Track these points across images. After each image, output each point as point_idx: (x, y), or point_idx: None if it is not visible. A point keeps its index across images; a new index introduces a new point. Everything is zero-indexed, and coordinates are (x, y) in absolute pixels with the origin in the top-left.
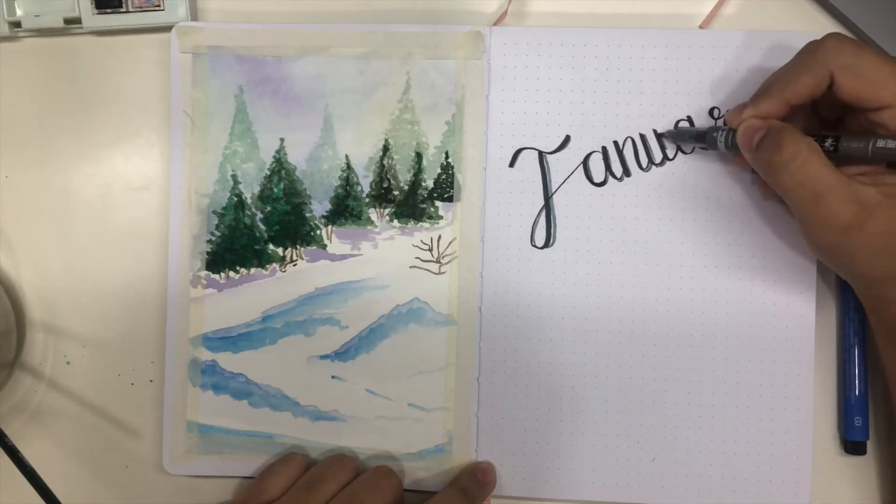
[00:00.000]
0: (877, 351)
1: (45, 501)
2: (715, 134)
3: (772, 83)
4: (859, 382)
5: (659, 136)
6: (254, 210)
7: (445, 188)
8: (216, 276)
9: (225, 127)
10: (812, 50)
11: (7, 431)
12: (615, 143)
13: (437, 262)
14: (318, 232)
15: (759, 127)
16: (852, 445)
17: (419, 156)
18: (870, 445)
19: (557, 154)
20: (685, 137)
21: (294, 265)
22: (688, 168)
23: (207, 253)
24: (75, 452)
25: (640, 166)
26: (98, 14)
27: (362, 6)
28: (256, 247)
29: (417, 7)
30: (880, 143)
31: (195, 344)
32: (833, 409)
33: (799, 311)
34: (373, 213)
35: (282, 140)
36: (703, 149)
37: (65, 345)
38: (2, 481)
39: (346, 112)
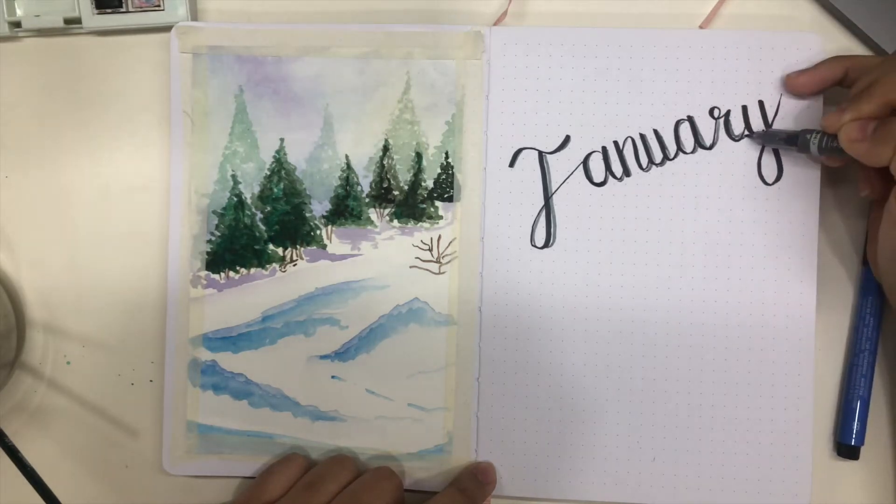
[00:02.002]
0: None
1: (45, 501)
2: (808, 136)
3: (873, 85)
4: (864, 388)
5: (750, 136)
6: (254, 210)
7: (445, 188)
8: (216, 276)
9: (225, 127)
10: None
11: (7, 431)
12: (615, 143)
13: (437, 262)
14: (318, 232)
15: (868, 123)
16: (847, 449)
17: (419, 156)
18: (862, 451)
19: (557, 154)
20: (775, 139)
21: (294, 265)
22: (688, 168)
23: (207, 253)
24: (75, 452)
25: (640, 166)
26: (98, 14)
27: (362, 6)
28: (256, 247)
29: (417, 7)
30: None
31: (195, 344)
32: (830, 412)
33: (799, 312)
34: (373, 213)
35: (282, 140)
36: (786, 149)
37: (65, 345)
38: (2, 481)
39: (346, 112)
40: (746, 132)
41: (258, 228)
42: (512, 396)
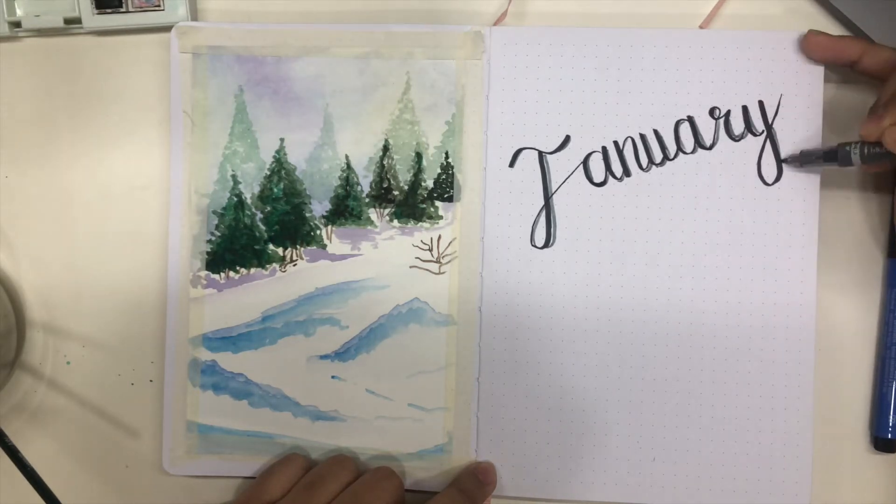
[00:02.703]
0: None
1: (45, 501)
2: (848, 149)
3: None
4: None
5: (783, 161)
6: (254, 210)
7: (445, 188)
8: (216, 276)
9: (225, 127)
10: None
11: (7, 431)
12: (615, 143)
13: (437, 262)
14: (318, 232)
15: None
16: (882, 443)
17: (419, 156)
18: None
19: (557, 154)
20: (811, 158)
21: (294, 265)
22: (688, 168)
23: (207, 253)
24: (75, 452)
25: (640, 166)
26: (98, 14)
27: (362, 6)
28: (256, 247)
29: (417, 7)
30: None
31: (195, 344)
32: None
33: (799, 312)
34: (373, 213)
35: (282, 140)
36: (827, 166)
37: (65, 345)
38: (2, 481)
39: (346, 112)
40: (786, 159)
41: (258, 228)
42: (512, 396)
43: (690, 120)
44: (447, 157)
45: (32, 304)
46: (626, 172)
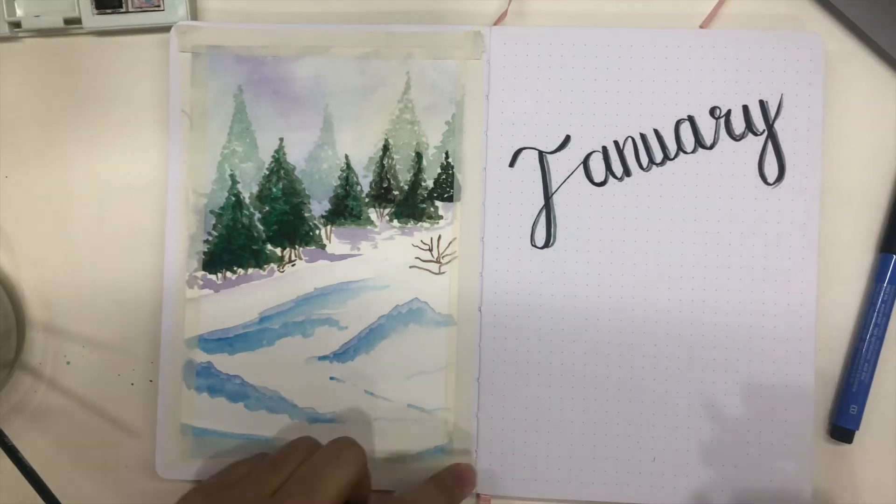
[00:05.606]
0: None
1: (45, 501)
2: None
3: None
4: (866, 374)
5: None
6: (252, 210)
7: (445, 188)
8: (213, 277)
9: (224, 126)
10: None
11: (7, 431)
12: (615, 143)
13: (437, 262)
14: (318, 232)
15: None
16: (840, 432)
17: (419, 156)
18: (856, 436)
19: (557, 154)
20: None
21: (293, 265)
22: (688, 168)
23: (204, 253)
24: (75, 452)
25: (640, 166)
26: (98, 14)
27: (362, 6)
28: (254, 247)
29: (417, 7)
30: None
31: (190, 345)
32: (829, 394)
33: (799, 311)
34: (372, 213)
35: (281, 140)
36: None
37: (65, 345)
38: (2, 481)
39: (346, 112)
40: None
41: (256, 228)
42: (512, 396)
43: (691, 119)
44: (447, 157)
45: (32, 304)
46: (627, 172)
